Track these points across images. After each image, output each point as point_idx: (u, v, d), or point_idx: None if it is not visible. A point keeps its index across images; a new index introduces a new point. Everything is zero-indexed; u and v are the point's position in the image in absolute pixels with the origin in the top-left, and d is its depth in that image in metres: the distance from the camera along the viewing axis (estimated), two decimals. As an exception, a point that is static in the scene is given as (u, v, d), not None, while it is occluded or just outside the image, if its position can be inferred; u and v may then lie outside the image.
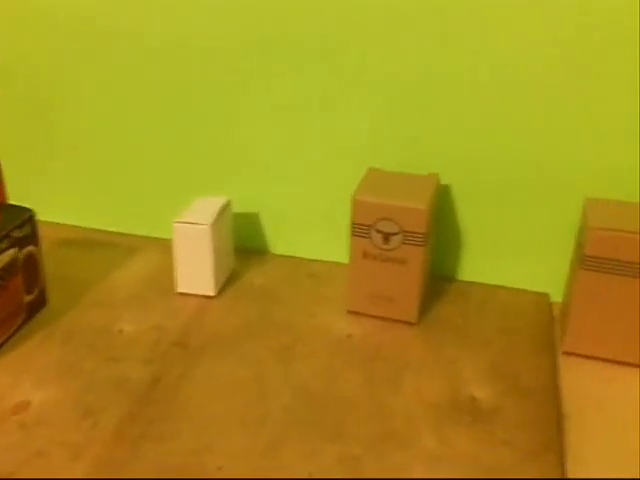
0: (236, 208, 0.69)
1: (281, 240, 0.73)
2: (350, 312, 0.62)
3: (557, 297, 0.65)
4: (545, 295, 0.66)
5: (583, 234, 0.55)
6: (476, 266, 0.67)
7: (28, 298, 0.59)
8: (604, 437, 0.49)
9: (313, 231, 0.71)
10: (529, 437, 0.48)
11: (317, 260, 0.71)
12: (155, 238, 0.74)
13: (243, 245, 0.72)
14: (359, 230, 0.58)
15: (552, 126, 0.59)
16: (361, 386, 0.53)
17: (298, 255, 0.72)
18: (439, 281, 0.67)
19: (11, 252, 0.56)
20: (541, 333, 0.60)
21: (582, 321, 0.56)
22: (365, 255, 0.59)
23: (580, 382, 0.55)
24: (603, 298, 0.55)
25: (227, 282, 0.67)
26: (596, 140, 0.59)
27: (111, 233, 0.76)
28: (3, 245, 0.55)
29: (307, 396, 0.52)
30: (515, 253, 0.65)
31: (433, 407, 0.51)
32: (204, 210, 0.62)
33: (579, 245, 0.57)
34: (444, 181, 0.64)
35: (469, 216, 0.65)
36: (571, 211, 0.61)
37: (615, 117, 0.58)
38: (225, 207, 0.64)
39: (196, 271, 0.62)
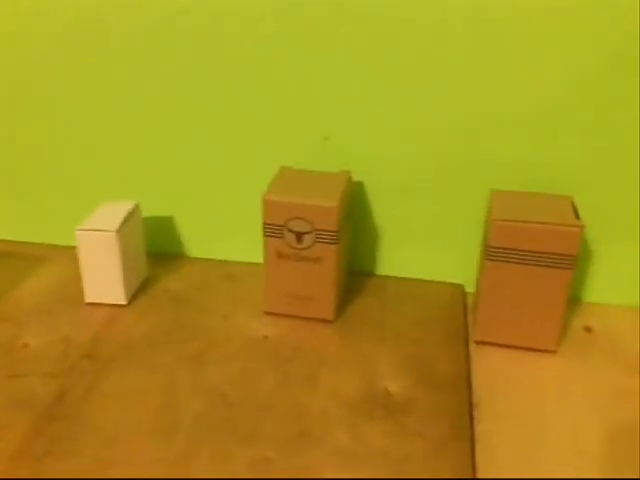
0: (148, 212, 0.67)
1: (196, 243, 0.71)
2: (267, 313, 0.61)
3: (472, 288, 0.66)
4: (460, 286, 0.67)
5: (488, 225, 0.57)
6: (393, 260, 0.68)
7: None
8: (512, 424, 0.50)
9: (228, 232, 0.69)
10: (440, 428, 0.49)
11: (233, 261, 0.70)
12: (64, 246, 0.70)
13: (157, 250, 0.70)
14: (271, 230, 0.58)
15: (458, 120, 0.60)
16: (276, 387, 0.53)
17: (214, 257, 0.70)
18: (357, 277, 0.68)
19: None
20: (455, 323, 0.62)
21: (491, 310, 0.58)
22: (279, 255, 0.59)
23: (490, 370, 0.56)
24: (509, 287, 0.56)
25: (139, 289, 0.65)
26: (501, 133, 0.60)
27: (15, 243, 0.73)
28: None
29: (220, 401, 0.51)
30: (430, 246, 0.66)
31: (348, 403, 0.51)
32: (110, 215, 0.60)
33: (485, 236, 0.58)
34: (356, 178, 0.64)
35: (383, 212, 0.66)
36: (480, 203, 0.63)
37: (517, 110, 0.59)
38: (133, 212, 0.62)
39: (104, 280, 0.60)
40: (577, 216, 0.55)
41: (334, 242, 0.57)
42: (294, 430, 0.49)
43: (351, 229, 0.65)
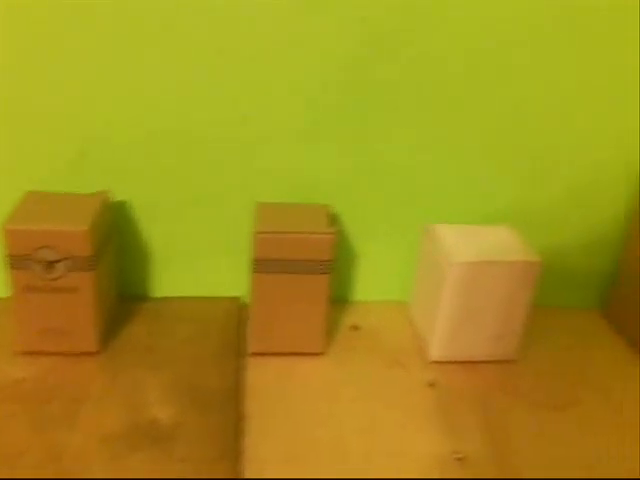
0: None
1: None
2: (22, 353, 0.56)
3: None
4: (237, 299, 0.67)
5: (252, 238, 0.58)
6: (166, 281, 0.66)
7: None
8: (281, 431, 0.52)
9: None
10: (207, 448, 0.48)
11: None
12: None
13: None
14: (16, 262, 0.53)
15: (221, 131, 0.60)
16: (31, 432, 0.48)
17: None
18: (128, 302, 0.65)
19: None
20: (230, 338, 0.62)
21: (261, 321, 0.59)
22: (28, 288, 0.54)
23: (263, 381, 0.57)
24: (276, 297, 0.57)
25: None
26: (266, 144, 0.62)
27: None
28: None
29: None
30: (204, 261, 0.66)
31: (111, 438, 0.49)
32: None
33: (251, 249, 0.59)
34: (117, 198, 0.61)
35: (149, 231, 0.64)
36: (249, 215, 0.63)
37: (278, 119, 0.61)
38: None
39: None
40: (332, 223, 0.58)
41: (89, 269, 0.54)
42: (50, 472, 0.45)
43: (113, 253, 0.62)
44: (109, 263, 0.60)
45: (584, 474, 0.50)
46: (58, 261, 0.53)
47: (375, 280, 0.69)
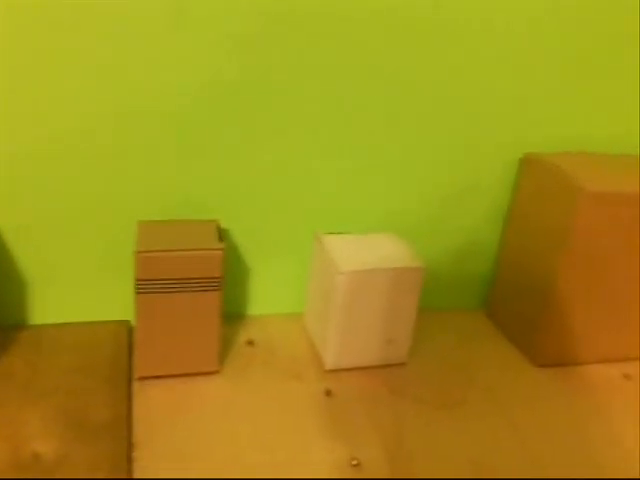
0: None
1: None
2: None
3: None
4: (126, 322, 0.65)
5: (134, 258, 0.56)
6: (47, 307, 0.63)
7: None
8: (175, 456, 0.50)
9: None
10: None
11: None
12: None
13: None
14: None
15: (93, 153, 0.58)
16: None
17: None
18: (7, 331, 0.61)
19: None
20: (117, 363, 0.59)
21: (149, 344, 0.57)
22: None
23: (153, 406, 0.55)
24: (163, 317, 0.56)
25: None
26: (143, 164, 0.60)
27: None
28: None
29: None
30: (87, 285, 0.63)
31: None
32: None
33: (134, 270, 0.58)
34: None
35: (27, 255, 0.60)
36: (131, 234, 0.61)
37: (154, 136, 0.59)
38: None
39: None
40: (221, 239, 0.57)
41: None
42: None
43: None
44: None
45: (472, 472, 0.52)
46: None
47: (269, 293, 0.68)
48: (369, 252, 0.61)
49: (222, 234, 0.58)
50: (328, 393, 0.58)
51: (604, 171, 0.64)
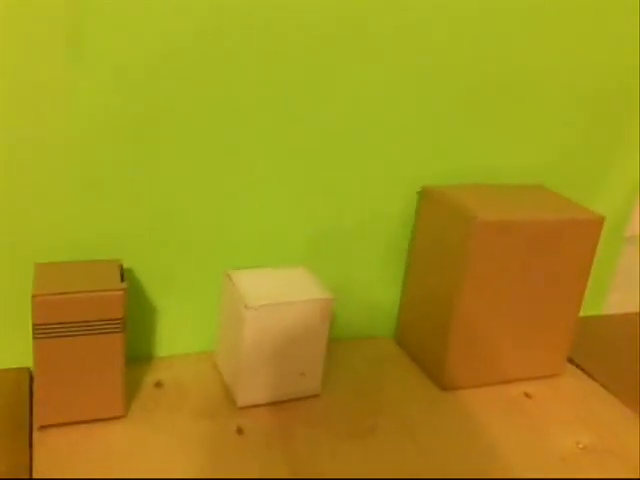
0: None
1: None
2: None
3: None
4: (27, 369, 0.62)
5: (31, 301, 0.54)
6: None
7: None
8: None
9: None
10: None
11: None
12: None
13: None
14: None
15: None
16: None
17: None
18: None
19: None
20: (17, 412, 0.56)
21: (48, 390, 0.54)
22: None
23: (54, 455, 0.52)
24: (63, 362, 0.54)
25: None
26: (41, 202, 0.58)
27: None
28: None
29: None
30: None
31: None
32: None
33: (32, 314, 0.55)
34: None
35: None
36: (28, 278, 0.58)
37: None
38: None
39: None
40: (123, 279, 0.56)
41: None
42: None
43: None
44: None
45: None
46: None
47: (177, 333, 0.67)
48: (278, 286, 0.62)
49: (125, 274, 0.57)
50: (239, 431, 0.58)
51: (496, 201, 0.68)
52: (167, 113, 0.59)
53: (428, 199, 0.69)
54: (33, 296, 0.51)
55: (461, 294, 0.64)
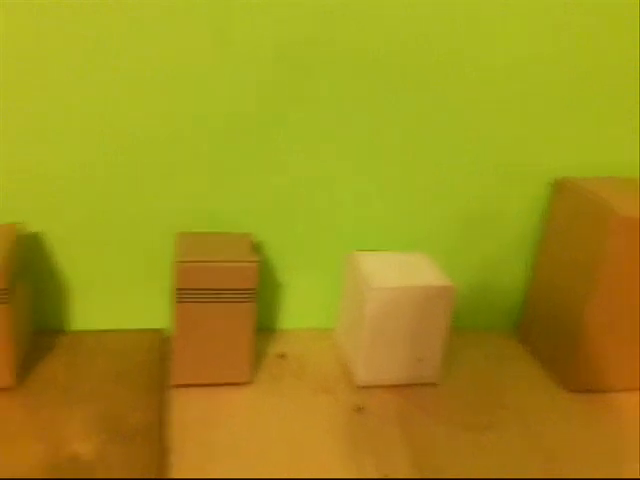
0: None
1: None
2: None
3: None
4: (160, 331, 0.66)
5: (174, 268, 0.58)
6: (85, 314, 0.65)
7: None
8: (207, 464, 0.51)
9: None
10: (128, 482, 0.48)
11: None
12: None
13: None
14: None
15: (130, 169, 0.60)
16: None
17: None
18: (45, 336, 0.63)
19: None
20: (152, 371, 0.60)
21: (185, 352, 0.58)
22: None
23: (187, 413, 0.56)
24: (199, 326, 0.57)
25: None
26: (182, 181, 0.62)
27: None
28: None
29: None
30: (125, 294, 0.65)
31: (29, 474, 0.46)
32: None
33: (173, 279, 0.59)
34: (33, 229, 0.60)
35: (69, 264, 0.62)
36: (169, 246, 0.63)
37: (187, 155, 0.61)
38: None
39: None
40: (255, 252, 0.59)
41: (3, 302, 0.52)
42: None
43: (28, 287, 0.60)
44: (24, 296, 0.58)
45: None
46: (-31, 294, 0.51)
47: (300, 308, 0.69)
48: (400, 270, 0.62)
49: (255, 248, 0.59)
50: (359, 409, 0.59)
51: (635, 196, 0.64)
52: (295, 102, 0.61)
53: (562, 191, 0.66)
54: (176, 262, 0.55)
55: (595, 295, 0.60)
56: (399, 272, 0.62)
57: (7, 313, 0.52)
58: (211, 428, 0.54)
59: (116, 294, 0.64)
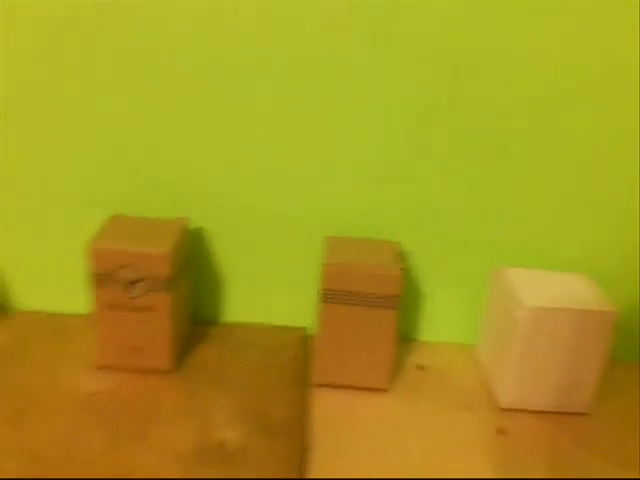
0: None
1: (23, 294, 0.67)
2: (99, 367, 0.58)
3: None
4: (303, 329, 0.68)
5: (321, 269, 0.59)
6: (236, 307, 0.68)
7: None
8: (345, 465, 0.51)
9: (58, 283, 0.66)
10: (274, 473, 0.49)
11: (64, 314, 0.66)
12: None
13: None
14: (99, 280, 0.55)
15: (294, 171, 0.62)
16: (104, 446, 0.50)
17: (43, 310, 0.66)
18: (200, 325, 0.67)
19: None
20: (296, 368, 0.62)
21: (328, 352, 0.59)
22: (110, 305, 0.56)
23: (327, 413, 0.57)
24: (342, 328, 0.58)
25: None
26: (333, 183, 0.63)
27: None
28: None
29: (40, 464, 0.48)
30: (273, 291, 0.67)
31: (180, 456, 0.50)
32: None
33: (320, 280, 0.60)
34: (195, 224, 0.64)
35: (224, 259, 0.66)
36: (318, 249, 0.64)
37: (346, 161, 0.62)
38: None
39: None
40: (400, 260, 0.58)
41: (167, 290, 0.56)
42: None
43: (190, 277, 0.64)
44: (185, 286, 0.62)
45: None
46: (138, 281, 0.55)
47: (442, 321, 0.68)
48: (555, 290, 0.58)
49: (401, 256, 0.59)
50: (501, 431, 0.56)
51: None
52: (454, 108, 0.59)
53: None
54: (325, 264, 0.56)
55: None
56: (554, 292, 0.58)
57: (170, 300, 0.56)
58: (351, 428, 0.55)
59: (266, 291, 0.67)
